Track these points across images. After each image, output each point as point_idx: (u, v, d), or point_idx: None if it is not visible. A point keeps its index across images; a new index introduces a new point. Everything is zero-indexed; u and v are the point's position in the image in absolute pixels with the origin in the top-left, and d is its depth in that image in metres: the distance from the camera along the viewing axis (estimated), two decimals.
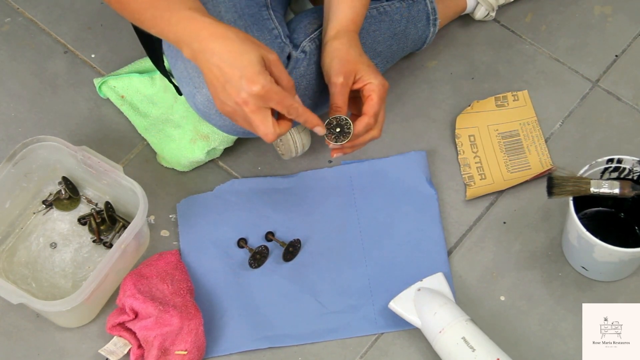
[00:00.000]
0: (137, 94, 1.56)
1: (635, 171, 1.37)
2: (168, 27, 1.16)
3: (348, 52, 1.25)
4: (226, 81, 1.13)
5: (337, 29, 1.28)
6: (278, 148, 1.50)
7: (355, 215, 1.47)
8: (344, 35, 1.27)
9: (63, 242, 1.46)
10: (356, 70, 1.24)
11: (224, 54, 1.12)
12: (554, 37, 1.64)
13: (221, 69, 1.13)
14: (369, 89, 1.23)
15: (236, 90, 1.13)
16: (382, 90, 1.24)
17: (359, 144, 1.27)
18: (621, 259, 1.33)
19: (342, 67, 1.23)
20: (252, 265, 1.43)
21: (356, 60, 1.24)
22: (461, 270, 1.43)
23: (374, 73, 1.24)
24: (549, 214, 1.47)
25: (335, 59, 1.24)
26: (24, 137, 1.45)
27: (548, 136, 1.54)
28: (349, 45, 1.26)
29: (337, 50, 1.25)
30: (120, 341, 1.35)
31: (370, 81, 1.23)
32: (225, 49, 1.12)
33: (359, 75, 1.24)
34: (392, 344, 1.38)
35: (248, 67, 1.12)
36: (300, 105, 1.17)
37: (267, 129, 1.15)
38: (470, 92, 1.59)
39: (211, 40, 1.13)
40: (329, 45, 1.26)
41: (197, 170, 1.53)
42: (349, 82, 1.23)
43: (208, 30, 1.13)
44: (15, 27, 1.69)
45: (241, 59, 1.12)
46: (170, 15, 1.15)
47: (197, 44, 1.13)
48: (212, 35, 1.13)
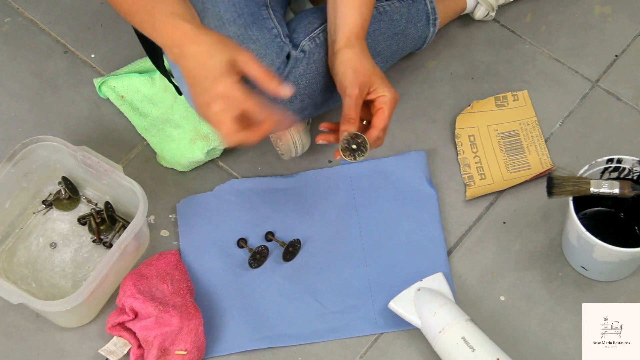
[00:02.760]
0: (137, 94, 1.56)
1: (635, 171, 1.37)
2: (154, 32, 1.20)
3: (362, 63, 1.26)
4: (196, 83, 1.16)
5: (348, 36, 1.28)
6: (278, 148, 1.50)
7: (355, 215, 1.47)
8: (355, 44, 1.27)
9: (63, 242, 1.46)
10: (371, 83, 1.25)
11: (196, 58, 1.16)
12: (554, 37, 1.64)
13: (192, 73, 1.17)
14: (382, 101, 1.24)
15: (204, 91, 1.16)
16: (394, 104, 1.25)
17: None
18: (621, 259, 1.33)
19: (357, 79, 1.24)
20: (252, 265, 1.43)
21: (371, 73, 1.25)
22: (461, 270, 1.43)
23: (387, 86, 1.25)
24: (549, 214, 1.47)
25: (349, 70, 1.25)
26: (24, 137, 1.45)
27: (548, 136, 1.54)
28: (362, 55, 1.27)
29: (350, 61, 1.26)
30: (120, 341, 1.35)
31: (384, 94, 1.24)
32: (197, 53, 1.16)
33: (373, 88, 1.25)
34: (392, 344, 1.38)
35: (213, 70, 1.15)
36: (264, 111, 1.15)
37: (223, 131, 1.16)
38: (470, 92, 1.59)
39: (187, 45, 1.17)
40: (342, 54, 1.27)
41: (197, 170, 1.53)
42: (363, 94, 1.25)
43: (186, 36, 1.17)
44: (15, 27, 1.69)
45: (207, 62, 1.15)
46: (154, 20, 1.19)
47: (177, 49, 1.18)
48: (188, 40, 1.17)
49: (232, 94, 1.14)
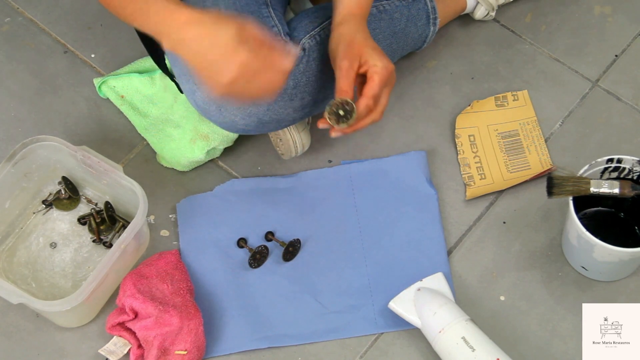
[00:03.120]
0: (137, 94, 1.56)
1: (635, 171, 1.37)
2: (147, 19, 1.15)
3: (354, 37, 1.25)
4: (210, 64, 1.13)
5: (343, 14, 1.28)
6: (278, 148, 1.50)
7: (355, 215, 1.47)
8: (350, 20, 1.27)
9: (63, 242, 1.46)
10: (361, 54, 1.23)
11: (202, 39, 1.12)
12: (554, 37, 1.64)
13: (202, 54, 1.12)
14: (372, 71, 1.23)
15: (217, 71, 1.12)
16: (385, 73, 1.23)
17: (359, 126, 1.26)
18: (621, 259, 1.33)
19: (347, 51, 1.23)
20: (252, 265, 1.43)
21: (361, 44, 1.24)
22: (461, 270, 1.43)
23: (378, 55, 1.23)
24: (549, 214, 1.47)
25: (341, 44, 1.25)
26: (24, 137, 1.45)
27: (548, 136, 1.54)
28: (355, 30, 1.26)
29: (343, 35, 1.25)
30: (120, 341, 1.35)
31: (375, 64, 1.23)
32: (202, 33, 1.12)
33: (364, 59, 1.23)
34: (392, 344, 1.38)
35: (225, 45, 1.11)
36: (292, 46, 1.16)
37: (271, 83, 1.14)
38: (470, 92, 1.59)
39: (187, 28, 1.12)
40: (335, 31, 1.27)
41: (197, 170, 1.53)
42: (353, 65, 1.23)
43: (183, 19, 1.13)
44: (15, 27, 1.69)
45: (216, 40, 1.11)
46: (148, 7, 1.15)
47: (175, 34, 1.13)
48: (187, 22, 1.12)
49: (256, 57, 1.12)
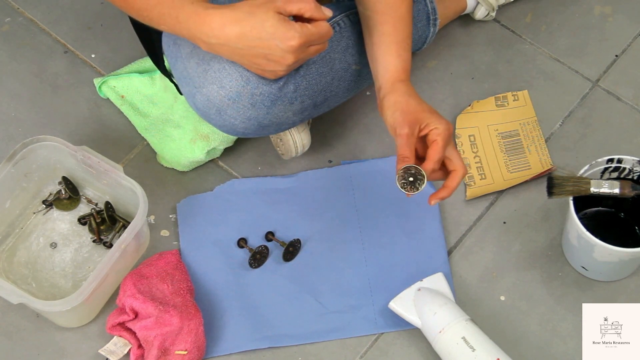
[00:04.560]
0: (137, 94, 1.56)
1: (635, 171, 1.37)
2: (178, 25, 1.17)
3: (408, 103, 1.25)
4: (266, 55, 1.15)
5: (391, 82, 1.28)
6: (278, 148, 1.50)
7: (355, 215, 1.47)
8: (399, 88, 1.27)
9: (63, 242, 1.46)
10: (420, 119, 1.24)
11: (246, 35, 1.13)
12: (554, 37, 1.64)
13: (255, 47, 1.14)
14: (435, 133, 1.23)
15: (281, 56, 1.14)
16: (447, 134, 1.23)
17: (455, 186, 1.25)
18: (621, 259, 1.33)
19: (405, 118, 1.23)
20: (252, 265, 1.43)
21: (417, 109, 1.24)
22: (461, 270, 1.43)
23: (438, 118, 1.24)
24: (549, 214, 1.47)
25: (397, 112, 1.24)
26: (24, 137, 1.45)
27: (548, 136, 1.54)
28: (408, 95, 1.26)
29: (397, 104, 1.25)
30: (120, 341, 1.35)
31: (437, 127, 1.23)
32: (244, 30, 1.13)
33: (424, 123, 1.23)
34: (392, 344, 1.38)
35: (273, 30, 1.13)
36: (324, 9, 1.17)
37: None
38: (470, 92, 1.59)
39: (226, 29, 1.14)
40: (387, 101, 1.26)
41: (197, 170, 1.53)
42: (414, 131, 1.23)
43: (218, 22, 1.14)
44: (15, 27, 1.69)
45: (265, 29, 1.13)
46: (177, 12, 1.16)
47: (214, 38, 1.15)
48: (224, 24, 1.14)
49: (308, 34, 1.14)
